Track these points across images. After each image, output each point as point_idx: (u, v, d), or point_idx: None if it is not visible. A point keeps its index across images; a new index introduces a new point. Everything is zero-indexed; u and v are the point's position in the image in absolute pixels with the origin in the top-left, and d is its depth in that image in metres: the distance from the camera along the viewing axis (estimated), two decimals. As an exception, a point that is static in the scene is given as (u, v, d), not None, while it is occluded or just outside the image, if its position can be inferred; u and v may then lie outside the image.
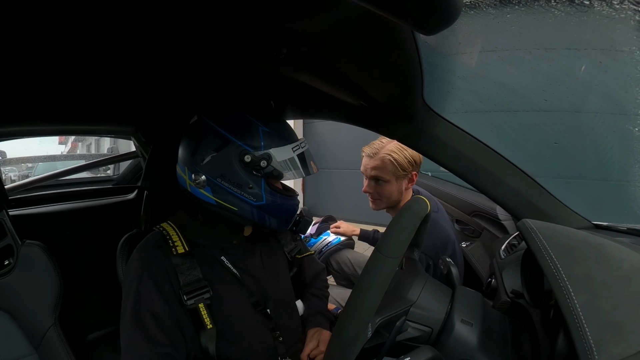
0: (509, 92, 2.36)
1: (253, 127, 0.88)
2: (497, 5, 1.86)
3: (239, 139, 0.86)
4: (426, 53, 0.66)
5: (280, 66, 0.66)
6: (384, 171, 1.34)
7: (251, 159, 0.84)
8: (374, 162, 1.36)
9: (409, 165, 1.33)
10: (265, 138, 0.87)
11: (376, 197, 1.42)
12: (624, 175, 2.43)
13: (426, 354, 0.61)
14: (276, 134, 0.89)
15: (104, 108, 1.15)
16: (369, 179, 1.41)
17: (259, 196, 0.87)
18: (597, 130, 2.44)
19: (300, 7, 0.43)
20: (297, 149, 0.90)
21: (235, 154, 0.85)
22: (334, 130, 5.72)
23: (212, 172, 0.86)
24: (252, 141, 0.86)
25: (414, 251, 0.84)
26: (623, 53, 2.12)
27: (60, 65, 0.72)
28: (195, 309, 0.85)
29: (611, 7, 1.75)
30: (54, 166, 4.76)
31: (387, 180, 1.36)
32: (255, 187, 0.87)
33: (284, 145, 0.88)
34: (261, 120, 0.89)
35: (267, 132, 0.88)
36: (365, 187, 1.43)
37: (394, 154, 1.32)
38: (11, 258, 1.16)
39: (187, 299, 0.84)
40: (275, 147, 0.87)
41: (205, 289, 0.87)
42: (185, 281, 0.86)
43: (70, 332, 1.25)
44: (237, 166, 0.85)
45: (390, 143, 1.35)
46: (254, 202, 0.87)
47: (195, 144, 0.88)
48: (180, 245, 0.90)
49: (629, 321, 0.50)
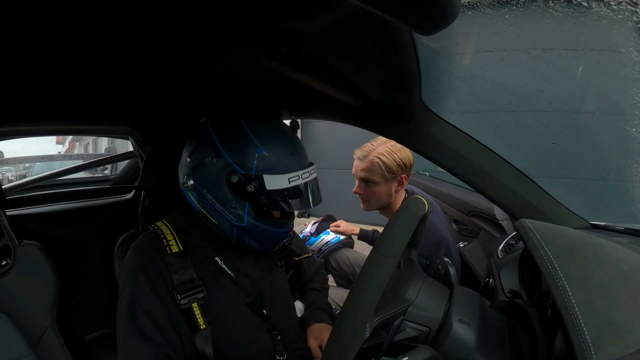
0: (507, 93, 2.37)
1: (250, 146, 0.81)
2: (495, 5, 1.86)
3: (231, 156, 0.81)
4: (424, 53, 0.66)
5: (278, 66, 0.66)
6: (372, 173, 1.37)
7: (238, 180, 0.80)
8: (364, 164, 1.39)
9: (397, 168, 1.35)
10: (260, 161, 0.81)
11: (365, 199, 1.46)
12: (622, 175, 2.44)
13: (424, 353, 0.61)
14: (275, 159, 0.82)
15: (102, 108, 1.15)
16: (359, 180, 1.44)
17: (241, 218, 0.83)
18: (594, 131, 2.44)
19: (299, 8, 0.43)
20: (295, 180, 0.82)
21: (223, 170, 0.81)
22: (332, 131, 5.73)
23: (199, 181, 0.84)
24: (244, 161, 0.81)
25: (412, 251, 0.84)
26: (620, 54, 2.13)
27: (58, 64, 0.71)
28: (189, 309, 0.84)
29: (609, 8, 1.75)
30: (52, 166, 4.75)
31: (376, 182, 1.38)
32: (239, 208, 0.83)
33: (279, 174, 0.81)
34: (263, 139, 0.82)
35: (264, 155, 0.81)
36: (356, 187, 1.46)
37: (382, 157, 1.35)
38: (8, 258, 1.15)
39: (181, 298, 0.83)
40: (269, 173, 0.80)
41: (199, 289, 0.86)
42: (179, 280, 0.85)
43: (68, 332, 1.25)
44: (223, 183, 0.81)
45: (380, 146, 1.37)
46: (235, 221, 0.84)
47: (193, 147, 0.86)
48: (175, 244, 0.89)
49: (627, 320, 0.50)
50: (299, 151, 0.88)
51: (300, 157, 0.87)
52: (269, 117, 0.91)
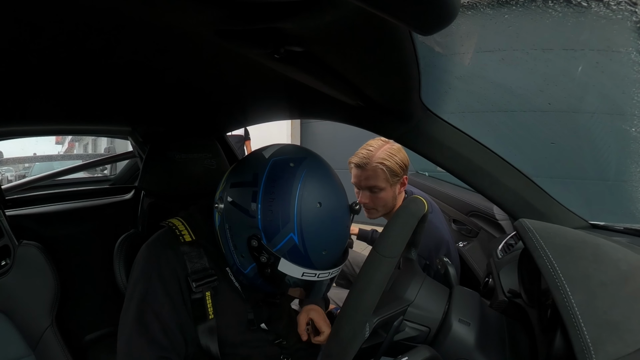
0: (507, 93, 2.37)
1: (287, 226, 0.72)
2: (494, 5, 1.87)
3: (262, 221, 0.73)
4: (424, 53, 0.66)
5: (278, 66, 0.65)
6: (378, 180, 1.33)
7: (257, 245, 0.74)
8: (367, 172, 1.34)
9: (400, 170, 1.33)
10: (287, 245, 0.73)
11: (371, 207, 1.41)
12: (621, 175, 2.44)
13: (424, 353, 0.61)
14: (302, 251, 0.74)
15: (102, 108, 1.14)
16: (362, 189, 1.39)
17: (244, 267, 0.80)
18: (594, 131, 2.44)
19: (299, 8, 0.43)
20: (310, 277, 0.75)
21: (249, 229, 0.75)
22: (331, 131, 5.72)
23: (226, 215, 0.79)
24: (272, 235, 0.73)
25: (412, 251, 0.84)
26: (620, 54, 2.13)
27: (58, 64, 0.71)
28: (201, 299, 0.84)
29: (608, 8, 1.75)
30: (51, 166, 4.75)
31: (382, 188, 1.35)
32: (246, 260, 0.78)
33: (297, 265, 0.73)
34: (304, 224, 0.72)
35: (293, 242, 0.73)
36: (360, 198, 1.41)
37: (385, 161, 1.31)
38: (8, 258, 1.15)
39: (196, 286, 0.83)
40: (288, 259, 0.73)
41: (214, 277, 0.86)
42: (193, 268, 0.84)
43: (68, 332, 1.25)
44: (244, 237, 0.76)
45: (378, 151, 1.33)
46: (238, 264, 0.81)
47: (241, 180, 0.79)
48: (187, 234, 0.88)
49: (626, 320, 0.50)
50: (335, 247, 0.80)
51: (331, 255, 0.79)
52: (333, 189, 0.79)
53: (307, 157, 0.79)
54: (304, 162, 0.77)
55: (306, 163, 0.77)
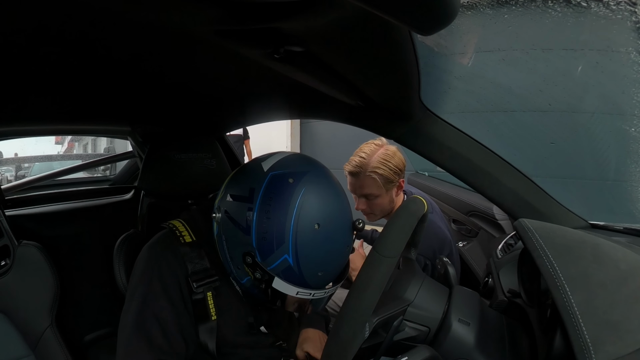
0: (506, 93, 2.37)
1: (281, 247, 0.70)
2: (494, 5, 1.87)
3: (256, 240, 0.71)
4: (423, 53, 0.66)
5: (278, 66, 0.65)
6: (372, 188, 1.32)
7: (251, 262, 0.72)
8: (361, 181, 1.33)
9: (395, 176, 1.32)
10: (281, 266, 0.71)
11: (369, 212, 1.41)
12: (621, 175, 2.44)
13: (423, 353, 0.61)
14: (297, 273, 0.71)
15: (101, 108, 1.14)
16: (359, 197, 1.39)
17: (241, 277, 0.79)
18: (593, 130, 2.44)
19: (298, 8, 0.43)
20: (305, 295, 0.73)
21: (244, 245, 0.73)
22: (331, 130, 5.72)
23: (223, 226, 0.77)
24: (266, 254, 0.71)
25: (411, 251, 0.84)
26: (620, 54, 2.13)
27: (58, 64, 0.71)
28: (203, 299, 0.83)
29: (608, 8, 1.76)
30: (51, 166, 4.75)
31: (378, 195, 1.34)
32: (242, 272, 0.77)
33: (291, 284, 0.71)
34: (299, 245, 0.70)
35: (288, 263, 0.70)
36: (358, 205, 1.41)
37: (378, 170, 1.29)
38: (7, 259, 1.15)
39: (197, 287, 0.82)
40: (282, 279, 0.71)
41: (215, 277, 0.85)
42: (194, 269, 0.84)
43: (68, 332, 1.25)
44: (239, 252, 0.75)
45: (371, 158, 1.31)
46: (234, 274, 0.80)
47: (241, 190, 0.76)
48: (188, 235, 0.87)
49: (626, 320, 0.50)
50: (333, 268, 0.77)
51: (328, 276, 0.76)
52: (334, 208, 0.74)
53: (309, 171, 0.75)
54: (305, 178, 0.72)
55: (307, 178, 0.72)
